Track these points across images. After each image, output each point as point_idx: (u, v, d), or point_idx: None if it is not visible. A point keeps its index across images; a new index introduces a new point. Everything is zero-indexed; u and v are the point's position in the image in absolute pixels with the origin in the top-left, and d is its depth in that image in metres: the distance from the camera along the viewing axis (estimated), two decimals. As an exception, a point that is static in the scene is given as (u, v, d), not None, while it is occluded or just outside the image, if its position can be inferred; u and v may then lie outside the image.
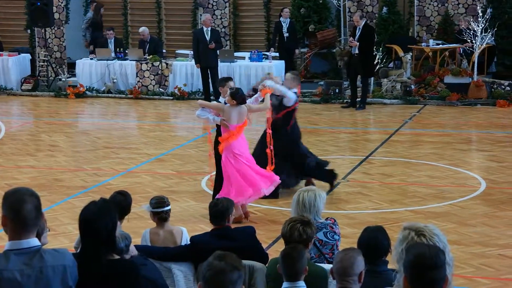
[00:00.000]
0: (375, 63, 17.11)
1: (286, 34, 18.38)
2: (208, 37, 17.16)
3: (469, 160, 11.96)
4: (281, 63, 18.39)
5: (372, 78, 17.47)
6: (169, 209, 6.13)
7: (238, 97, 8.89)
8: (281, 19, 18.49)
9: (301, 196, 5.73)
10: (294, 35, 18.57)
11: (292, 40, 18.45)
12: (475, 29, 16.52)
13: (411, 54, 18.13)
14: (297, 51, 18.65)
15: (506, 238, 8.29)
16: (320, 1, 19.54)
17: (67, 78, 19.34)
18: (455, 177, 10.92)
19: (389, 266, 4.72)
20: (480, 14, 16.70)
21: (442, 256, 3.32)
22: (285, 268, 4.51)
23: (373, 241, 4.76)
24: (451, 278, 3.43)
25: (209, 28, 17.35)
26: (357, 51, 16.38)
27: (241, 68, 18.15)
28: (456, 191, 10.15)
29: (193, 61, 17.76)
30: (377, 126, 15.11)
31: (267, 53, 18.38)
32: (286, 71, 18.42)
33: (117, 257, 3.89)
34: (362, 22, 16.51)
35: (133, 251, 4.94)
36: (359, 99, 16.62)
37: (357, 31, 16.43)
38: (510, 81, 17.19)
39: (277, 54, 18.41)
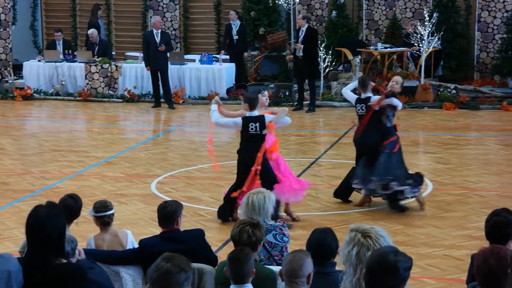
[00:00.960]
0: (319, 65, 17.24)
1: (235, 37, 18.41)
2: (158, 40, 17.10)
3: (416, 162, 12.11)
4: (232, 65, 18.41)
5: (322, 81, 17.60)
6: (112, 213, 6.08)
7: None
8: (231, 21, 18.52)
9: (251, 199, 5.75)
10: (244, 38, 18.60)
11: (242, 43, 18.48)
12: (422, 33, 16.78)
13: (360, 57, 18.32)
14: (246, 54, 18.67)
15: (451, 239, 8.43)
16: (270, 4, 19.62)
17: (14, 80, 19.06)
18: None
19: (337, 268, 4.76)
20: (427, 18, 16.96)
21: (402, 261, 3.36)
22: (231, 270, 4.52)
23: (322, 243, 4.80)
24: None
25: (159, 31, 17.29)
26: (301, 54, 16.49)
27: (191, 71, 18.13)
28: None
29: (143, 64, 17.68)
30: (326, 128, 15.23)
31: (218, 56, 18.39)
32: (236, 74, 18.52)
33: (64, 261, 3.85)
34: (306, 24, 16.63)
35: (80, 254, 4.90)
36: (308, 102, 16.73)
37: (300, 34, 16.54)
38: (456, 84, 17.50)
39: (227, 56, 18.42)
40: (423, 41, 16.78)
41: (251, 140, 8.87)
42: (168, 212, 5.76)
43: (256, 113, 8.92)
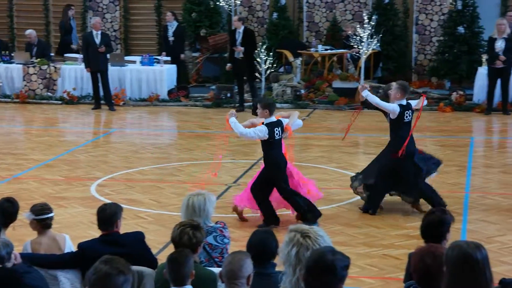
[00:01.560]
0: (257, 66, 17.34)
1: (171, 38, 18.34)
2: (98, 41, 16.93)
3: (356, 163, 12.25)
4: (173, 67, 18.34)
5: (264, 83, 17.67)
6: (53, 216, 6.00)
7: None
8: (167, 23, 18.44)
9: (191, 200, 5.74)
10: (180, 39, 18.50)
11: (178, 45, 18.39)
12: (362, 35, 16.98)
13: (301, 59, 18.45)
14: (182, 55, 18.55)
15: (389, 239, 8.54)
16: (212, 6, 19.61)
17: None
18: (343, 179, 11.16)
19: (278, 268, 4.79)
20: (366, 20, 17.17)
21: (340, 260, 3.40)
22: (171, 272, 4.51)
23: (262, 244, 4.82)
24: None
25: (99, 32, 17.12)
26: (241, 55, 16.53)
27: (132, 72, 18.00)
28: (344, 194, 10.37)
29: (82, 65, 17.48)
30: (268, 130, 15.25)
31: (159, 57, 18.30)
32: (178, 75, 18.46)
33: (-1, 265, 3.78)
34: (242, 26, 16.69)
35: (16, 259, 4.82)
36: (251, 103, 16.79)
37: (237, 36, 16.58)
38: (395, 86, 17.72)
39: (169, 58, 18.35)
40: (363, 43, 16.99)
41: (277, 146, 8.88)
42: (108, 215, 5.71)
43: (273, 118, 8.84)
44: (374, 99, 9.21)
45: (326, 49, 18.49)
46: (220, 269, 4.60)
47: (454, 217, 5.24)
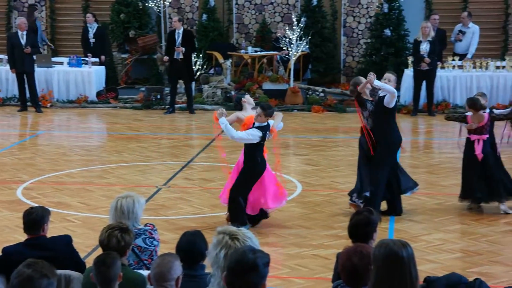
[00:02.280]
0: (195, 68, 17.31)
1: (92, 40, 18.12)
2: (23, 41, 16.60)
3: (286, 164, 12.32)
4: (102, 68, 18.13)
5: (194, 84, 17.62)
6: None
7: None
8: (88, 24, 18.20)
9: (119, 203, 5.68)
10: (101, 41, 18.27)
11: (99, 46, 18.16)
12: (291, 37, 17.12)
13: (230, 60, 18.48)
14: (103, 57, 18.28)
15: (319, 239, 8.63)
16: (140, 7, 19.46)
17: None
18: (272, 180, 11.21)
19: (207, 270, 4.79)
20: (295, 22, 17.32)
21: (260, 258, 3.42)
22: (98, 275, 4.46)
23: (191, 246, 4.82)
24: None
25: (25, 32, 16.78)
26: (181, 56, 16.47)
27: (59, 74, 17.71)
28: (274, 194, 10.43)
29: (8, 66, 17.11)
30: (198, 131, 15.25)
31: (87, 59, 18.04)
32: (106, 77, 18.23)
33: None
34: (181, 27, 16.64)
35: None
36: (187, 104, 16.75)
37: (176, 36, 16.51)
38: (324, 88, 17.95)
39: (97, 59, 18.11)
40: (292, 45, 17.12)
41: (262, 148, 8.90)
42: (34, 219, 5.61)
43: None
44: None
45: (256, 51, 18.56)
46: (149, 271, 4.57)
47: (381, 217, 5.34)
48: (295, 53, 17.27)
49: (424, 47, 15.98)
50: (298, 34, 17.12)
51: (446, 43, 17.45)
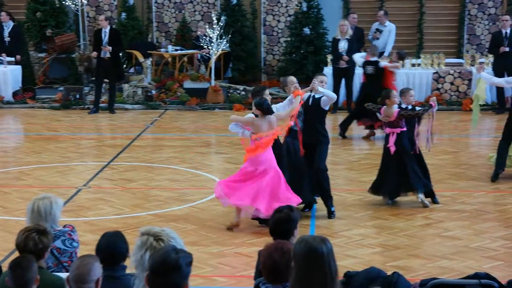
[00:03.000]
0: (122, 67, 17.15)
1: (7, 39, 17.71)
2: None
3: (208, 163, 12.33)
4: (18, 68, 17.75)
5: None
6: None
7: (264, 108, 8.63)
8: (3, 23, 17.79)
9: (36, 204, 5.56)
10: (17, 40, 17.88)
11: (14, 45, 17.77)
12: (211, 35, 17.11)
13: (151, 59, 18.36)
14: (18, 56, 17.87)
15: (241, 237, 8.64)
16: (57, 5, 19.11)
17: None
18: (195, 179, 11.21)
19: (128, 271, 4.74)
20: (215, 21, 17.32)
21: (183, 257, 3.41)
22: (13, 279, 4.36)
23: (111, 247, 4.76)
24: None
25: None
26: (108, 55, 16.26)
27: (-27, 74, 17.25)
28: (197, 194, 10.42)
29: None
30: (119, 131, 15.08)
31: (1, 58, 17.60)
32: (23, 77, 17.84)
33: None
34: (108, 25, 16.43)
35: None
36: (108, 103, 16.54)
37: (103, 35, 16.29)
38: (245, 86, 18.01)
39: (13, 58, 17.71)
40: (212, 44, 17.12)
41: None
42: None
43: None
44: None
45: (177, 50, 18.49)
46: (68, 273, 4.50)
47: (301, 214, 5.39)
48: (216, 52, 17.28)
49: (343, 45, 16.21)
50: (218, 32, 17.13)
51: (364, 42, 17.75)
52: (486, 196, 10.22)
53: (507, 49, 16.24)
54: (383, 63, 13.82)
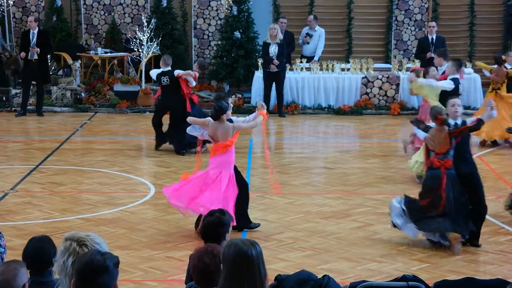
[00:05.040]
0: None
1: None
2: None
3: (139, 166, 12.24)
4: None
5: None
6: None
7: (218, 113, 8.59)
8: None
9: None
10: None
11: None
12: (141, 38, 17.00)
13: (80, 62, 18.12)
14: None
15: (173, 241, 8.61)
16: (-18, 6, 18.68)
17: None
18: (125, 183, 11.11)
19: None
20: (145, 24, 17.20)
21: (110, 259, 3.39)
22: None
23: (38, 251, 4.69)
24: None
25: None
26: (36, 57, 15.96)
27: None
28: (127, 197, 10.33)
29: None
30: (47, 134, 14.82)
31: None
32: None
33: None
34: (37, 27, 16.15)
35: None
36: (36, 106, 16.25)
37: (31, 36, 16.00)
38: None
39: None
40: (143, 47, 17.01)
41: None
42: None
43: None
44: None
45: (106, 52, 18.29)
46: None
47: (233, 218, 5.40)
48: (146, 55, 17.16)
49: (273, 49, 16.32)
50: (148, 35, 17.02)
51: (294, 46, 17.90)
52: (413, 199, 10.40)
53: (433, 54, 16.61)
54: (178, 71, 12.94)
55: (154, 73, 13.41)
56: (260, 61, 17.04)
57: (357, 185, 11.12)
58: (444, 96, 10.52)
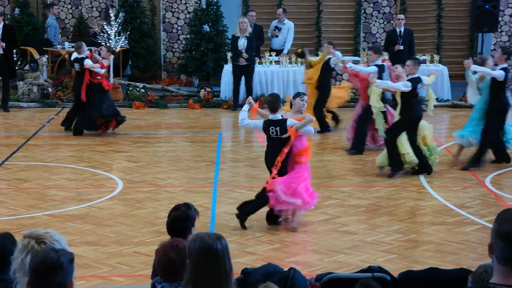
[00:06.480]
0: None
1: None
2: None
3: (107, 162, 12.15)
4: None
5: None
6: None
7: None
8: None
9: None
10: None
11: None
12: (109, 32, 16.87)
13: (47, 56, 17.94)
14: None
15: (141, 236, 8.57)
16: None
17: None
18: (93, 178, 11.03)
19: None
20: (113, 18, 17.08)
21: (64, 255, 3.35)
22: None
23: (1, 249, 4.61)
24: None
25: None
26: (1, 51, 15.77)
27: None
28: (94, 193, 10.26)
29: None
30: (14, 130, 14.66)
31: None
32: None
33: None
34: (2, 21, 15.95)
35: None
36: (2, 101, 16.08)
37: (-5, 30, 15.86)
38: (145, 83, 17.86)
39: None
40: (111, 41, 16.88)
41: (271, 143, 8.79)
42: None
43: (278, 116, 8.71)
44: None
45: (73, 47, 18.10)
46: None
47: (199, 212, 5.37)
48: (114, 49, 17.02)
49: (242, 43, 16.29)
50: (116, 29, 16.90)
51: (263, 39, 17.88)
52: (381, 191, 10.47)
53: (401, 47, 16.68)
54: (88, 63, 13.82)
55: (72, 57, 14.35)
56: (229, 54, 17.00)
57: (326, 178, 11.14)
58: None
